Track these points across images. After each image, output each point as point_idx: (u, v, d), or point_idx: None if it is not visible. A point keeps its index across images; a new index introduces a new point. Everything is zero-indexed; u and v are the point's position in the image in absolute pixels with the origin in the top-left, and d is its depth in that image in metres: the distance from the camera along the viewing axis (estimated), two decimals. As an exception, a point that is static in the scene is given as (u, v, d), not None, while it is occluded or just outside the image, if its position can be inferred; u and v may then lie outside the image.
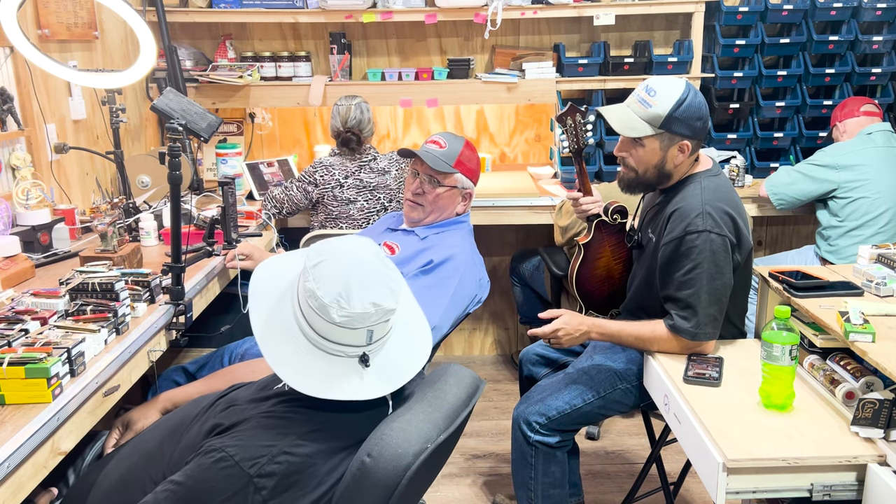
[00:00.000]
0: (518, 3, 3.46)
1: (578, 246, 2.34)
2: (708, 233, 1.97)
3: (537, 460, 2.19)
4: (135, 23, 2.38)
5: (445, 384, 1.53)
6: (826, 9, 3.52)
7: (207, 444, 1.37)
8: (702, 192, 2.03)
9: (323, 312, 1.34)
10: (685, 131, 2.01)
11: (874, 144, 3.13)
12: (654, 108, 2.00)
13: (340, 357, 1.39)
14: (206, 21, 3.57)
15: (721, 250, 1.98)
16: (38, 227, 2.38)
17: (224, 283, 2.45)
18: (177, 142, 1.89)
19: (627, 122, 2.04)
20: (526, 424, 2.19)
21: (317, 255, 1.39)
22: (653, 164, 2.07)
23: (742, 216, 2.06)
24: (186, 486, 1.32)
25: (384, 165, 3.14)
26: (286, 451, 1.34)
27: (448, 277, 2.14)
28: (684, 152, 2.04)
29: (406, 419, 1.40)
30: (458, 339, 4.05)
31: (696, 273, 1.98)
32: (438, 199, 2.30)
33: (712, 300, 1.99)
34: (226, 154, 3.46)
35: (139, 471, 1.51)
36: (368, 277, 1.37)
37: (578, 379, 2.20)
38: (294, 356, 1.39)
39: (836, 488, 1.59)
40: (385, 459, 1.33)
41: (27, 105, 2.58)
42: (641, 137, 2.04)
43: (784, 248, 3.81)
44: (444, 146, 2.32)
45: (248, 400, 1.50)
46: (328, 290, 1.34)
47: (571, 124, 2.28)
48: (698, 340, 2.01)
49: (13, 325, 1.62)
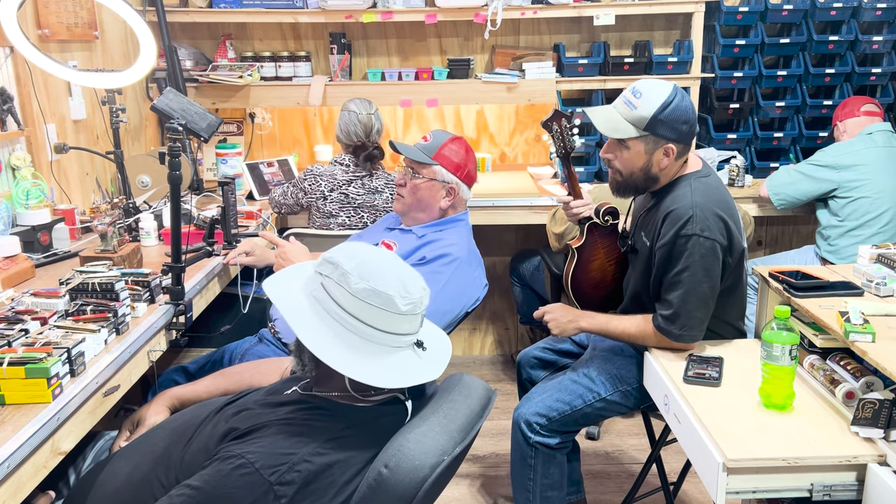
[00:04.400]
0: (518, 3, 3.47)
1: (571, 249, 2.34)
2: (697, 237, 1.97)
3: (537, 461, 2.19)
4: (135, 23, 2.38)
5: (459, 395, 1.55)
6: (826, 9, 3.52)
7: (225, 449, 1.37)
8: (692, 195, 2.02)
9: (389, 305, 1.38)
10: (670, 134, 1.99)
11: (874, 144, 3.13)
12: (638, 109, 1.98)
13: (401, 348, 1.44)
14: (206, 21, 3.57)
15: (710, 254, 1.98)
16: (38, 227, 2.38)
17: (224, 283, 2.45)
18: (177, 142, 1.89)
19: (611, 123, 2.03)
20: (526, 425, 2.19)
21: (349, 259, 1.41)
22: (638, 167, 2.06)
23: (734, 217, 2.05)
24: (204, 490, 1.32)
25: (379, 185, 3.02)
26: (307, 459, 1.34)
27: (438, 272, 2.14)
28: (669, 156, 2.03)
29: (423, 431, 1.41)
30: (458, 339, 4.05)
31: (683, 276, 2.00)
32: (416, 189, 2.31)
33: (698, 304, 2.01)
34: (226, 154, 3.46)
35: (146, 471, 1.50)
36: (405, 268, 1.47)
37: (579, 380, 2.20)
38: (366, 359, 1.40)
39: (836, 488, 1.59)
40: (402, 471, 1.34)
41: (27, 105, 2.58)
42: (626, 140, 2.02)
43: (784, 248, 3.81)
44: (428, 140, 2.35)
45: (261, 404, 1.49)
46: (387, 283, 1.39)
47: (557, 129, 2.29)
48: (682, 342, 2.05)
49: (13, 325, 1.62)
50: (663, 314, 2.05)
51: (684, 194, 2.03)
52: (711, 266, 1.99)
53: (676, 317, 2.02)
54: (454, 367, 1.63)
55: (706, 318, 2.06)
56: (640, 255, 2.16)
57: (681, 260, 1.99)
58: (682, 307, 2.01)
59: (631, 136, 2.01)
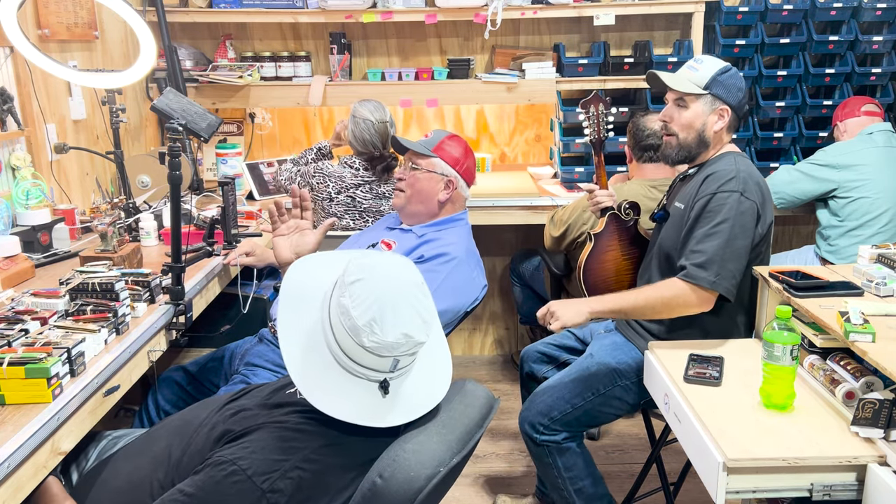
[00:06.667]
0: (518, 3, 3.46)
1: (590, 236, 2.35)
2: (739, 194, 2.03)
3: (553, 458, 2.22)
4: (135, 23, 2.38)
5: (460, 404, 1.51)
6: (826, 9, 3.52)
7: (217, 454, 1.36)
8: (736, 163, 2.11)
9: (354, 334, 1.32)
10: (727, 97, 2.12)
11: (875, 144, 3.13)
12: (699, 71, 2.13)
13: (360, 379, 1.38)
14: (206, 21, 3.57)
15: (749, 213, 2.04)
16: (38, 227, 2.38)
17: (224, 283, 2.45)
18: (177, 142, 1.89)
19: (677, 79, 2.16)
20: (531, 427, 2.22)
21: (357, 271, 1.35)
22: (695, 127, 2.15)
23: (768, 194, 2.13)
24: (197, 497, 1.31)
25: (387, 190, 2.97)
26: (299, 466, 1.33)
27: (435, 271, 2.14)
28: (724, 118, 2.14)
29: (419, 441, 1.38)
30: (458, 339, 4.04)
31: (721, 227, 2.02)
32: (416, 182, 2.32)
33: (734, 256, 2.02)
34: (226, 154, 3.47)
35: (145, 472, 1.50)
36: (404, 306, 1.34)
37: (578, 378, 2.21)
38: (317, 369, 1.37)
39: (836, 488, 1.59)
40: (397, 482, 1.31)
41: (27, 105, 2.58)
42: (686, 98, 2.14)
43: (784, 248, 3.80)
44: (429, 136, 2.40)
45: (259, 405, 1.49)
46: (362, 311, 1.31)
47: (594, 113, 2.31)
48: (716, 290, 2.02)
49: (13, 325, 1.62)
50: (696, 262, 2.01)
51: (728, 163, 2.12)
52: (749, 225, 2.04)
53: (711, 263, 2.00)
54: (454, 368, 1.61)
55: (738, 275, 2.04)
56: (673, 218, 2.18)
57: (721, 212, 2.03)
58: (717, 255, 2.00)
59: (692, 92, 2.12)
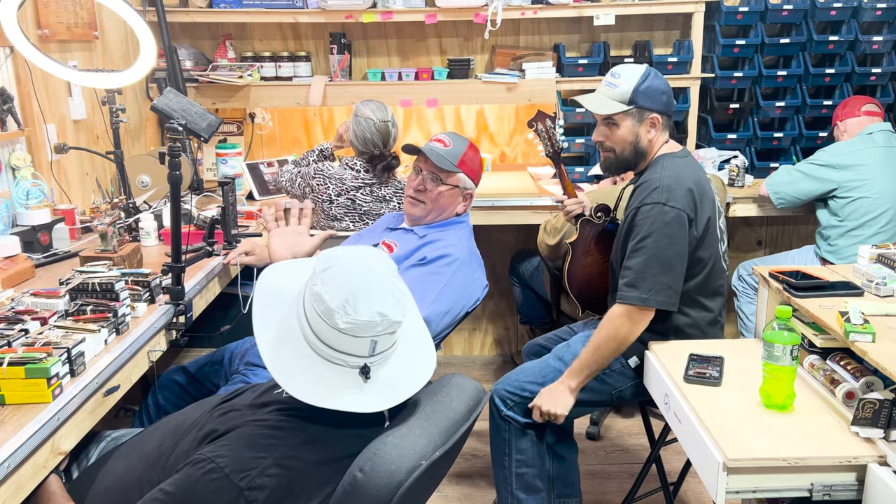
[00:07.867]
0: (518, 3, 3.47)
1: (567, 246, 2.38)
2: (662, 205, 2.04)
3: (510, 435, 2.24)
4: (135, 23, 2.38)
5: (446, 397, 1.50)
6: (826, 9, 3.52)
7: (198, 453, 1.36)
8: (662, 170, 2.12)
9: (328, 317, 1.32)
10: (652, 105, 2.14)
11: (875, 144, 3.13)
12: (619, 87, 2.15)
13: (341, 366, 1.37)
14: (206, 21, 3.57)
15: (674, 222, 2.03)
16: (38, 227, 2.38)
17: (224, 283, 2.45)
18: (177, 142, 1.89)
19: (599, 103, 2.19)
20: (500, 399, 2.24)
21: (328, 260, 1.37)
22: (629, 141, 2.17)
23: (705, 192, 2.13)
24: (176, 496, 1.31)
25: (388, 193, 2.92)
26: (278, 463, 1.32)
27: (438, 273, 2.14)
28: (656, 126, 2.16)
29: (401, 434, 1.38)
30: (458, 339, 4.04)
31: (646, 242, 2.03)
32: (440, 197, 2.30)
33: (664, 269, 2.03)
34: (226, 154, 3.46)
35: (137, 472, 1.50)
36: (376, 287, 1.35)
37: (553, 364, 2.24)
38: (292, 359, 1.37)
39: (836, 488, 1.59)
40: (377, 476, 1.31)
41: (27, 105, 2.58)
42: (614, 116, 2.16)
43: (784, 248, 3.81)
44: (448, 145, 2.31)
45: (248, 405, 1.49)
46: (335, 294, 1.32)
47: (542, 129, 2.33)
48: (649, 306, 2.04)
49: (13, 325, 1.62)
50: (625, 282, 2.05)
51: (655, 171, 2.13)
52: (676, 234, 2.03)
53: (641, 280, 2.02)
54: (454, 367, 1.61)
55: (675, 286, 2.05)
56: (619, 230, 2.21)
57: (644, 227, 2.04)
58: (644, 271, 2.02)
59: (618, 112, 2.15)
